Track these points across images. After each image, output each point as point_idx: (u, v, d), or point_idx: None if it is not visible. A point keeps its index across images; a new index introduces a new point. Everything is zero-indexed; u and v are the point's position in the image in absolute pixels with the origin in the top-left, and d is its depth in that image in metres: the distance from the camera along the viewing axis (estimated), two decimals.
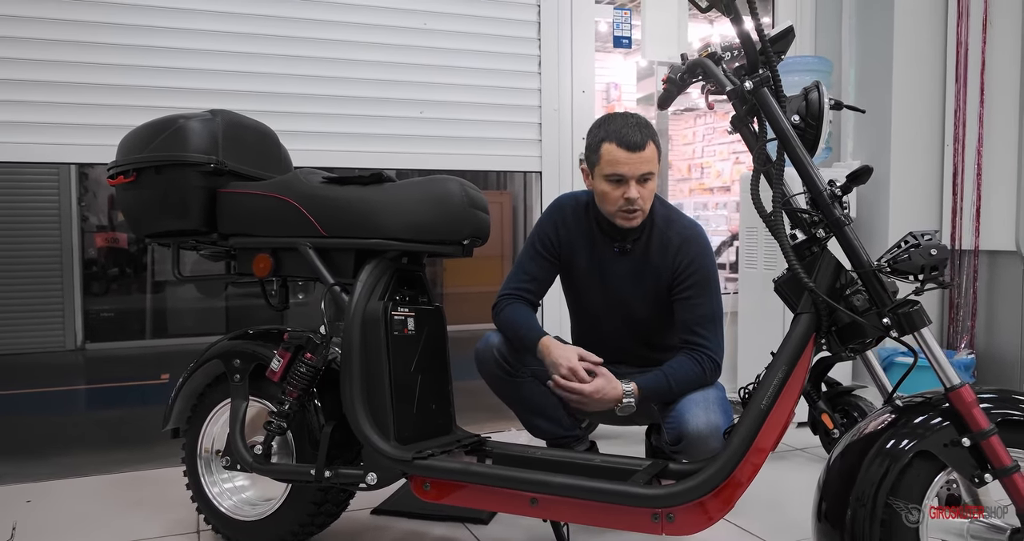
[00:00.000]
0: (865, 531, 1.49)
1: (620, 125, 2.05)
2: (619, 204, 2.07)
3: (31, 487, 2.73)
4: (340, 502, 2.13)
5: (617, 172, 2.04)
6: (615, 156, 2.03)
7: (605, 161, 2.06)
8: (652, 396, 2.05)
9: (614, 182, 2.06)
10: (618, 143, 2.03)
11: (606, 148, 2.05)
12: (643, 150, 2.03)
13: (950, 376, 1.50)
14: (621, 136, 2.03)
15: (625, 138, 2.02)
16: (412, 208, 1.97)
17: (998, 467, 1.44)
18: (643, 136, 2.03)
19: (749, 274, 3.60)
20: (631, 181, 2.05)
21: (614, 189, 2.07)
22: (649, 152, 2.04)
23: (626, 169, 2.03)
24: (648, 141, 2.04)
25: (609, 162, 2.05)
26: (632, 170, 2.03)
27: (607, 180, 2.07)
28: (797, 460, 2.98)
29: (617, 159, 2.03)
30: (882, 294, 1.58)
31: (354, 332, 1.92)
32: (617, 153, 2.03)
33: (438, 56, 3.40)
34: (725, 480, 1.65)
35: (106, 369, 6.11)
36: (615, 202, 2.08)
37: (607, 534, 2.25)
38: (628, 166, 2.03)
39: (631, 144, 2.02)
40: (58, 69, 2.90)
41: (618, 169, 2.04)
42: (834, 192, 1.63)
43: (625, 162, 2.03)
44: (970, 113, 3.60)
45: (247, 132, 2.21)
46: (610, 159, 2.04)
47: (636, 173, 2.04)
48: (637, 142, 2.02)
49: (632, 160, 2.03)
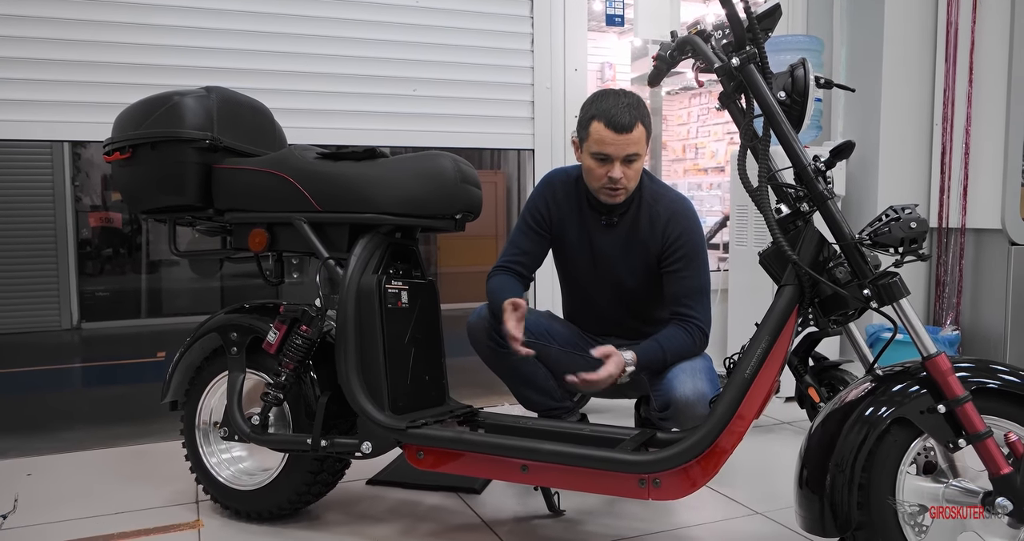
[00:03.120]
0: (843, 496, 1.54)
1: (611, 105, 2.07)
2: (603, 182, 2.11)
3: (32, 461, 2.77)
4: (336, 472, 2.18)
5: (603, 151, 2.07)
6: (602, 135, 2.06)
7: (593, 139, 2.08)
8: (648, 365, 2.09)
9: (600, 160, 2.10)
10: (606, 123, 2.05)
11: (594, 126, 2.07)
12: (630, 132, 2.05)
13: (927, 345, 1.55)
14: (610, 116, 2.05)
15: (613, 119, 2.05)
16: (405, 183, 2.00)
17: (972, 433, 1.49)
18: (631, 118, 2.05)
19: (739, 251, 3.64)
20: (616, 161, 2.08)
21: (599, 166, 2.10)
22: (636, 134, 2.06)
23: (612, 149, 2.07)
24: (636, 123, 2.06)
25: (596, 141, 2.08)
26: (617, 151, 2.06)
27: (593, 157, 2.10)
28: (784, 433, 3.04)
29: (604, 139, 2.06)
30: (863, 266, 1.62)
31: (348, 305, 1.96)
32: (604, 133, 2.05)
33: (431, 34, 3.41)
34: (709, 447, 1.69)
35: (102, 348, 6.15)
36: (599, 179, 2.12)
37: (596, 500, 2.31)
38: (614, 147, 2.06)
39: (619, 125, 2.04)
40: (52, 47, 2.91)
41: (604, 149, 2.07)
42: (818, 167, 1.67)
43: (611, 143, 2.06)
44: (959, 93, 3.63)
45: (242, 108, 2.23)
46: (597, 138, 2.07)
47: (621, 154, 2.07)
48: (625, 124, 2.04)
49: (618, 141, 2.05)
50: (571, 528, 2.13)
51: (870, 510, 1.53)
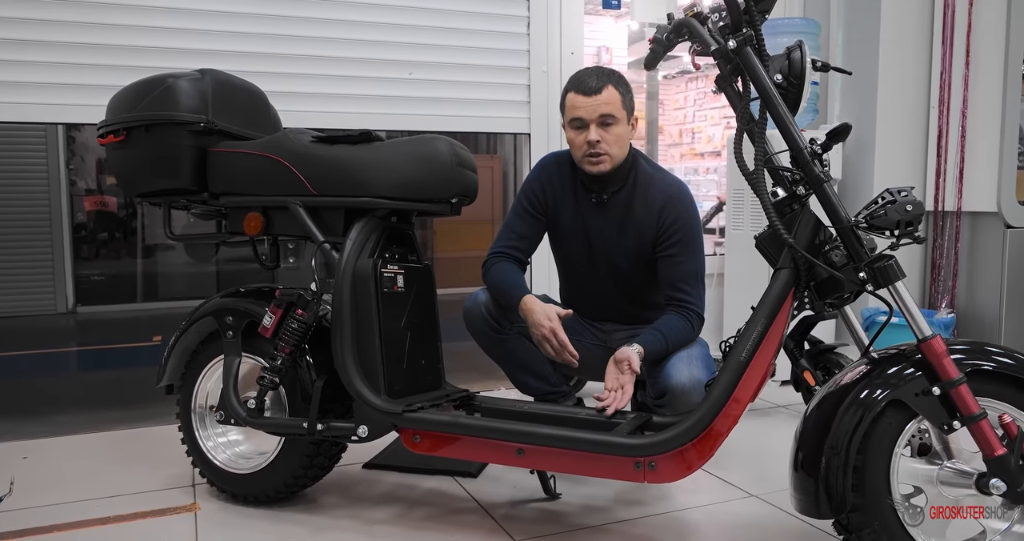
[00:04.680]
0: (838, 479, 1.55)
1: (580, 75, 2.15)
2: (584, 149, 2.14)
3: (27, 444, 2.77)
4: (332, 456, 2.18)
5: (576, 116, 2.12)
6: (573, 101, 2.12)
7: (567, 108, 2.15)
8: (653, 356, 2.09)
9: (576, 128, 2.14)
10: (575, 90, 2.12)
11: (568, 97, 2.15)
12: (599, 94, 2.09)
13: (922, 327, 1.55)
14: (578, 83, 2.12)
15: (581, 84, 2.11)
16: (401, 167, 1.99)
17: (966, 415, 1.50)
18: (599, 81, 2.10)
19: (735, 236, 3.64)
20: (591, 125, 2.11)
21: (577, 135, 2.14)
22: (606, 95, 2.10)
23: (583, 112, 2.11)
24: (607, 85, 2.10)
25: (570, 108, 2.14)
26: (589, 113, 2.10)
27: (571, 127, 2.15)
28: (779, 416, 3.06)
29: (575, 104, 2.12)
30: (859, 249, 1.62)
31: (344, 289, 1.96)
32: (575, 98, 2.12)
33: (427, 17, 3.38)
34: (705, 430, 1.70)
35: (98, 332, 6.14)
36: (580, 147, 2.15)
37: (592, 484, 2.32)
38: (585, 109, 2.10)
39: (587, 89, 2.10)
40: (45, 28, 2.88)
41: (576, 113, 2.12)
42: (814, 150, 1.66)
43: (582, 106, 2.10)
44: (955, 76, 3.62)
45: (236, 92, 2.22)
46: (570, 105, 2.14)
47: (594, 115, 2.10)
48: (592, 86, 2.10)
49: (588, 103, 2.10)
50: (567, 511, 2.14)
51: (865, 492, 1.54)
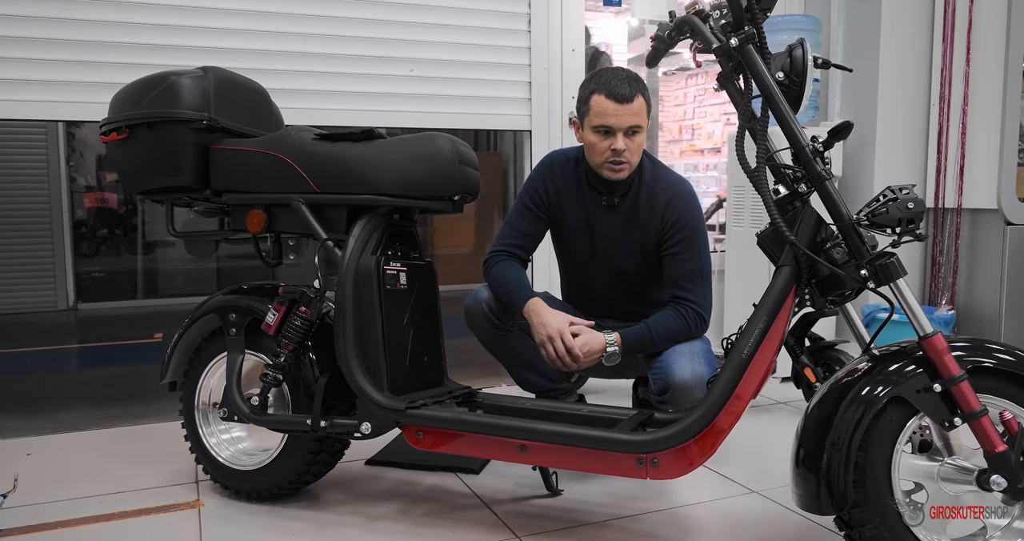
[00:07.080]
0: (840, 475, 1.55)
1: (610, 78, 2.09)
2: (606, 155, 2.11)
3: (31, 440, 2.78)
4: (335, 452, 2.19)
5: (605, 123, 2.08)
6: (603, 107, 2.07)
7: (594, 112, 2.10)
8: (635, 345, 2.10)
9: (602, 133, 2.10)
10: (607, 95, 2.07)
11: (595, 99, 2.09)
12: (631, 102, 2.06)
13: (923, 325, 1.56)
14: (610, 88, 2.07)
15: (614, 90, 2.06)
16: (403, 164, 1.99)
17: (967, 411, 1.51)
18: (632, 89, 2.07)
19: (736, 232, 3.65)
20: (618, 133, 2.08)
21: (601, 140, 2.11)
22: (637, 105, 2.07)
23: (614, 120, 2.07)
24: (637, 94, 2.07)
25: (598, 113, 2.09)
26: (619, 122, 2.07)
27: (595, 131, 2.11)
28: (780, 413, 3.06)
29: (605, 110, 2.07)
30: (860, 247, 1.63)
31: (347, 286, 1.96)
32: (605, 104, 2.07)
33: (428, 14, 3.39)
34: (707, 426, 1.71)
35: (99, 328, 6.14)
36: (602, 153, 2.12)
37: (594, 480, 2.32)
38: (616, 117, 2.07)
39: (619, 96, 2.06)
40: (47, 25, 2.88)
41: (606, 120, 2.08)
42: (816, 148, 1.67)
43: (613, 113, 2.06)
44: (956, 73, 3.62)
45: (239, 89, 2.22)
46: (599, 110, 2.08)
47: (623, 125, 2.07)
48: (625, 94, 2.06)
49: (620, 112, 2.06)
50: (569, 508, 2.15)
51: (866, 488, 1.55)
